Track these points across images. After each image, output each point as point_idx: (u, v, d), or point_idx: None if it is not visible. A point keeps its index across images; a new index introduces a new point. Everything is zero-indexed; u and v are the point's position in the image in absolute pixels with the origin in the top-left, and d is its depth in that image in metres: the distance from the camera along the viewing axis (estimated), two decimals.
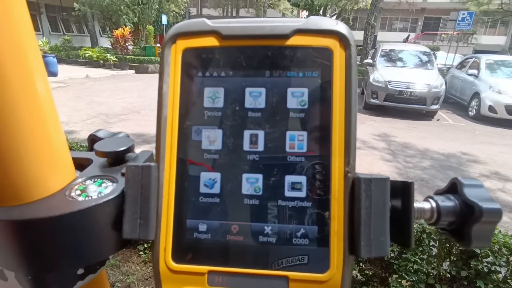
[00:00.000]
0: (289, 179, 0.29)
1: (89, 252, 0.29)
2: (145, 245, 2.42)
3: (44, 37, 14.67)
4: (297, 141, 0.29)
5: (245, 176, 0.29)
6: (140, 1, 18.49)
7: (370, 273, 1.91)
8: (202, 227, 0.29)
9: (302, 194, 0.28)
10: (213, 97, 0.30)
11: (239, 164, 0.29)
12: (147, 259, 2.37)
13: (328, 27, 0.28)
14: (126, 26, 16.66)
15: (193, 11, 34.90)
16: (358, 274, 1.96)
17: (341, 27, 0.29)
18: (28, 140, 0.27)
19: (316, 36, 0.28)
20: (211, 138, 0.29)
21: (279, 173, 0.29)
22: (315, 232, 0.28)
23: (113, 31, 16.66)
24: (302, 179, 0.28)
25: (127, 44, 15.86)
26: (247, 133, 0.29)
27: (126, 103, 7.65)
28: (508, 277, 1.62)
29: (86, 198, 0.29)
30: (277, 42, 0.29)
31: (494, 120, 7.76)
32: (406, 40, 22.07)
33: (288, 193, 0.28)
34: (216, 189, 0.29)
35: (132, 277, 2.23)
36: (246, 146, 0.29)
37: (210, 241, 0.29)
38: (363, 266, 1.93)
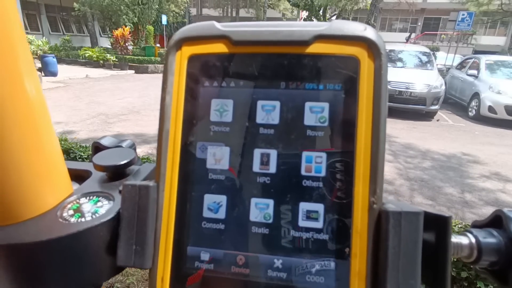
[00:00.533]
0: (304, 206, 0.25)
1: (81, 278, 0.27)
2: None
3: (44, 37, 14.66)
4: (314, 163, 0.25)
5: (254, 200, 0.26)
6: (140, 1, 18.48)
7: None
8: (205, 256, 0.26)
9: (319, 224, 0.25)
10: (221, 110, 0.27)
11: (248, 187, 0.26)
12: None
13: (355, 33, 0.25)
14: (126, 26, 16.65)
15: (193, 11, 34.90)
16: None
17: (370, 33, 0.25)
18: (19, 154, 0.25)
19: (341, 43, 0.25)
20: (217, 157, 0.26)
21: (292, 199, 0.25)
22: (332, 270, 0.24)
23: (113, 31, 16.64)
24: (320, 207, 0.25)
25: (127, 44, 15.85)
26: (257, 152, 0.26)
27: (126, 103, 7.64)
28: None
29: (79, 220, 0.27)
30: (295, 49, 0.25)
31: (493, 121, 7.76)
32: (408, 39, 22.09)
33: (302, 223, 0.25)
34: (221, 214, 0.26)
35: (131, 277, 2.22)
36: (256, 167, 0.26)
37: (213, 272, 0.26)
38: None
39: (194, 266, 0.26)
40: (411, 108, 7.90)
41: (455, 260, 1.73)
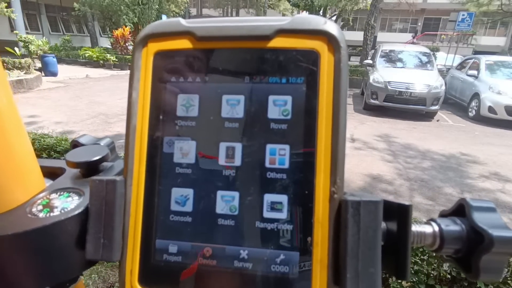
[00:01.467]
0: (268, 198, 0.26)
1: (51, 272, 0.27)
2: None
3: (44, 37, 14.65)
4: (278, 155, 0.26)
5: (220, 193, 0.26)
6: (140, 1, 18.49)
7: None
8: (173, 248, 0.26)
9: (283, 215, 0.25)
10: (187, 105, 0.27)
11: (214, 180, 0.26)
12: None
13: (315, 27, 0.25)
14: (126, 26, 16.68)
15: (193, 11, 34.91)
16: None
17: (330, 27, 0.25)
18: None
19: (301, 37, 0.25)
20: (184, 151, 0.27)
21: (257, 191, 0.26)
22: (296, 259, 0.25)
23: (113, 31, 16.68)
24: (283, 198, 0.25)
25: (127, 44, 15.87)
26: (223, 146, 0.26)
27: (126, 103, 7.63)
28: (509, 278, 1.62)
29: (47, 215, 0.27)
30: (257, 44, 0.26)
31: (493, 121, 7.77)
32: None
33: (267, 214, 0.26)
34: (189, 207, 0.26)
35: None
36: (222, 160, 0.26)
37: (181, 264, 0.26)
38: None
39: (163, 259, 0.26)
40: (411, 108, 7.90)
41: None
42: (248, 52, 0.26)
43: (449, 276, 1.77)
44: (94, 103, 7.57)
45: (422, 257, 1.76)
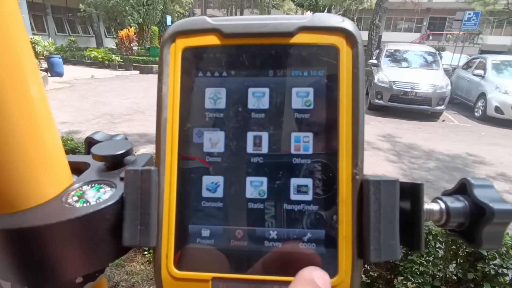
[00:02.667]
0: (294, 182, 0.28)
1: (88, 260, 0.28)
2: None
3: (50, 38, 14.79)
4: (302, 142, 0.28)
5: (249, 179, 0.28)
6: (145, 2, 18.59)
7: (375, 275, 1.90)
8: (205, 232, 0.28)
9: (309, 197, 0.27)
10: (215, 98, 0.29)
11: (243, 167, 0.28)
12: (151, 259, 2.37)
13: (334, 24, 0.27)
14: (131, 27, 16.76)
15: (198, 11, 35.03)
16: (363, 276, 1.95)
17: (348, 24, 0.27)
18: (21, 145, 0.26)
19: (322, 34, 0.27)
20: (213, 141, 0.28)
21: (284, 176, 0.28)
22: (322, 236, 0.27)
23: (118, 31, 16.76)
24: (308, 181, 0.27)
25: (131, 44, 15.95)
26: (250, 135, 0.28)
27: (131, 103, 7.69)
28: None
29: (84, 205, 0.28)
30: (281, 40, 0.28)
31: (500, 121, 7.69)
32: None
33: (293, 196, 0.27)
34: (219, 193, 0.28)
35: (136, 276, 2.23)
36: (250, 149, 0.28)
37: (214, 247, 0.28)
38: (368, 268, 1.92)
39: (196, 242, 0.28)
40: (417, 108, 7.86)
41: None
42: (272, 48, 0.28)
43: (455, 278, 1.76)
44: (99, 103, 7.63)
45: (428, 258, 1.75)
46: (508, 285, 1.60)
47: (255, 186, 0.28)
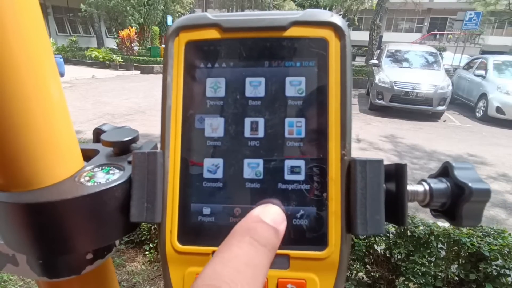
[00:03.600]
0: (288, 163, 0.30)
1: (98, 235, 0.30)
2: (151, 245, 2.42)
3: (51, 38, 14.83)
4: (295, 127, 0.30)
5: (246, 161, 0.30)
6: (145, 2, 18.62)
7: (377, 275, 1.89)
8: (206, 210, 0.30)
9: (301, 177, 0.29)
10: (215, 87, 0.31)
11: (241, 150, 0.30)
12: (152, 259, 2.37)
13: (324, 19, 0.30)
14: (131, 27, 16.79)
15: (198, 11, 35.08)
16: (365, 276, 1.94)
17: (336, 19, 0.30)
18: (38, 128, 0.29)
19: (313, 28, 0.30)
20: (214, 126, 0.30)
21: (279, 157, 0.30)
22: (313, 212, 0.29)
23: (119, 32, 16.80)
24: (301, 163, 0.29)
25: (132, 44, 15.97)
26: (247, 121, 0.30)
27: (132, 103, 7.70)
28: None
29: (95, 183, 0.31)
30: (275, 34, 0.30)
31: (502, 122, 7.68)
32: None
33: (287, 177, 0.29)
34: (219, 174, 0.30)
35: (137, 276, 2.23)
36: (247, 133, 0.30)
37: (214, 223, 0.30)
38: (370, 268, 1.92)
39: (198, 220, 0.30)
40: (417, 108, 7.85)
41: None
42: (267, 41, 0.30)
43: (457, 278, 1.75)
44: (100, 103, 7.64)
45: (429, 258, 1.74)
46: (510, 286, 1.60)
47: (252, 167, 0.30)
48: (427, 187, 0.31)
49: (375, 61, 9.23)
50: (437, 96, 7.63)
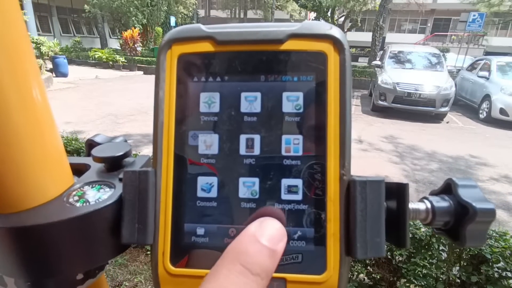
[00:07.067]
0: (285, 182, 0.28)
1: (88, 257, 0.29)
2: None
3: (55, 39, 14.87)
4: (292, 144, 0.29)
5: (241, 180, 0.29)
6: (149, 3, 18.68)
7: (378, 277, 1.89)
8: (200, 230, 0.29)
9: (299, 197, 0.28)
10: (209, 102, 0.29)
11: (236, 168, 0.29)
12: None
13: (322, 31, 0.28)
14: (135, 28, 16.87)
15: (201, 12, 35.11)
16: (366, 278, 1.94)
17: (335, 31, 0.28)
18: (24, 147, 0.27)
19: (310, 41, 0.28)
20: (208, 143, 0.29)
21: (275, 176, 0.29)
22: (311, 234, 0.28)
23: (122, 32, 16.88)
24: (298, 182, 0.28)
25: (136, 45, 16.04)
26: (243, 138, 0.29)
27: (135, 104, 7.73)
28: None
29: (84, 204, 0.30)
30: (271, 47, 0.29)
31: (505, 123, 7.64)
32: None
33: (284, 196, 0.28)
34: (213, 193, 0.29)
35: (139, 276, 2.24)
36: (243, 150, 0.29)
37: (208, 244, 0.29)
38: (371, 270, 1.91)
39: (191, 240, 0.29)
40: (420, 110, 7.82)
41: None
42: (263, 54, 0.29)
43: (458, 281, 1.75)
44: (103, 103, 7.68)
45: (431, 260, 1.74)
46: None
47: (248, 186, 0.29)
48: (429, 205, 0.30)
49: (378, 62, 9.21)
50: (440, 98, 7.60)
